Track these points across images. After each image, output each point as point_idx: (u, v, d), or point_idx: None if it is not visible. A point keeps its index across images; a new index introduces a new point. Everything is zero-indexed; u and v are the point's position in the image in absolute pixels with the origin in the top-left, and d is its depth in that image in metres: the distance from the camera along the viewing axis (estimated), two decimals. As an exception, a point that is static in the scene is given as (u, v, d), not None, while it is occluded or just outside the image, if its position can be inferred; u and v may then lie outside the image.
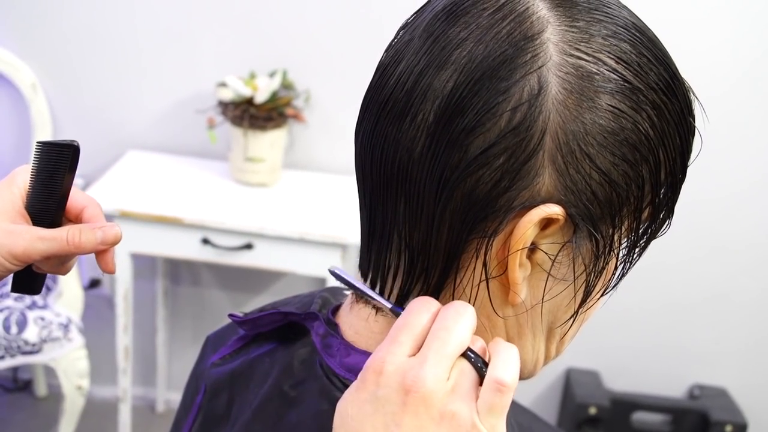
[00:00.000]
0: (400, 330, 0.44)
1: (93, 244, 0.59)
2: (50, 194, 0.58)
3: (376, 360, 0.43)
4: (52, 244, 0.58)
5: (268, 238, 1.76)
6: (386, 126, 0.47)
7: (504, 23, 0.44)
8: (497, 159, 0.44)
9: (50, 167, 0.58)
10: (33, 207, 0.59)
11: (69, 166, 0.57)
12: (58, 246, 0.58)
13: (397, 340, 0.43)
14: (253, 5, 1.95)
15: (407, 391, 0.41)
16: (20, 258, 0.57)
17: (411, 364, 0.42)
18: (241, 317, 0.60)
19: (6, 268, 0.57)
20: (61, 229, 0.58)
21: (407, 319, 0.44)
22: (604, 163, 0.45)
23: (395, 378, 0.42)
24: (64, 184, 0.58)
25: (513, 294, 0.48)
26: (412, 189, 0.46)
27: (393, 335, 0.44)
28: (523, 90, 0.43)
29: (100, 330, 2.15)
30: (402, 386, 0.41)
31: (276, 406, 0.54)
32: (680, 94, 0.47)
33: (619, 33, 0.45)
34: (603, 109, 0.44)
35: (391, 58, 0.48)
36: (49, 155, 0.58)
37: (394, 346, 0.43)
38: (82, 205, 0.61)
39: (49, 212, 0.59)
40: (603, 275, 0.50)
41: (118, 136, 2.06)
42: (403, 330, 0.44)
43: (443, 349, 0.42)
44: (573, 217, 0.45)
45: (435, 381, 0.41)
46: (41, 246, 0.57)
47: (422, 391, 0.41)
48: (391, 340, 0.44)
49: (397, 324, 0.44)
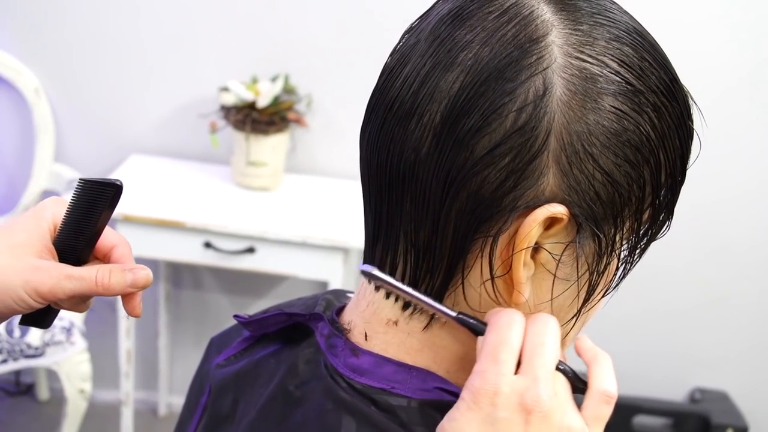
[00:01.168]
0: (499, 348, 0.45)
1: (122, 287, 0.56)
2: (83, 231, 0.55)
3: (488, 382, 0.44)
4: (80, 283, 0.54)
5: (270, 242, 1.77)
6: (393, 127, 0.47)
7: (509, 26, 0.45)
8: (503, 159, 0.44)
9: (88, 204, 0.55)
10: (62, 243, 0.56)
11: (108, 205, 0.54)
12: (86, 286, 0.54)
13: (501, 359, 0.45)
14: (255, 11, 1.96)
15: (529, 411, 0.44)
16: (45, 296, 0.54)
17: (526, 385, 0.44)
18: (246, 318, 0.60)
19: (29, 305, 0.54)
20: (90, 269, 0.55)
21: (503, 336, 0.45)
22: (607, 163, 0.45)
23: (513, 399, 0.44)
24: (100, 222, 0.55)
25: (517, 293, 0.48)
26: (418, 188, 0.47)
27: (494, 354, 0.45)
28: (529, 91, 0.44)
29: (103, 334, 2.15)
30: (522, 407, 0.44)
31: (281, 406, 0.55)
32: (680, 97, 0.48)
33: (621, 37, 0.46)
34: (606, 111, 0.45)
35: (397, 61, 0.49)
36: (90, 193, 0.54)
37: (500, 366, 0.44)
38: (112, 244, 0.58)
39: (77, 249, 0.56)
40: (605, 276, 0.51)
41: (121, 141, 2.07)
42: (503, 348, 0.45)
43: (548, 366, 0.45)
44: (576, 217, 0.46)
45: (550, 398, 0.44)
46: (68, 285, 0.54)
47: (544, 410, 0.44)
48: (494, 359, 0.45)
49: (494, 341, 0.45)
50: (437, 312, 0.48)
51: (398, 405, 0.50)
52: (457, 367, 0.52)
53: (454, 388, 0.51)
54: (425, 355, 0.52)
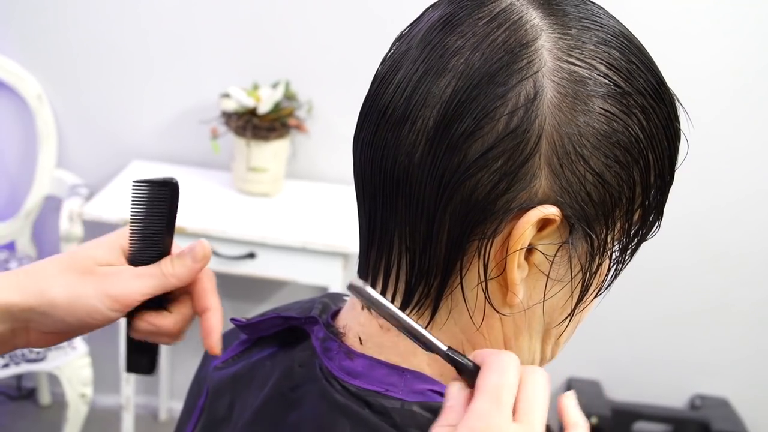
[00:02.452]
0: (502, 390, 0.43)
1: (188, 268, 0.54)
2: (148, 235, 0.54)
3: (491, 425, 0.42)
4: (150, 280, 0.53)
5: (270, 247, 1.77)
6: (386, 132, 0.48)
7: (499, 31, 0.46)
8: (495, 162, 0.45)
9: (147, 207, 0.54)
10: (133, 251, 0.55)
11: (168, 205, 0.54)
12: (156, 281, 0.54)
13: (504, 402, 0.43)
14: (256, 18, 1.97)
15: None
16: (118, 299, 0.52)
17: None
18: (243, 321, 0.61)
19: (103, 314, 0.52)
20: (154, 264, 0.54)
21: (507, 379, 0.44)
22: (598, 164, 0.46)
23: None
24: (166, 222, 0.54)
25: (511, 295, 0.49)
26: (412, 192, 0.47)
27: (497, 395, 0.43)
28: (520, 95, 0.45)
29: (104, 339, 2.15)
30: None
31: (276, 408, 0.56)
32: (667, 99, 0.49)
33: (609, 41, 0.47)
34: (596, 113, 0.46)
35: (389, 67, 0.49)
36: (147, 194, 0.54)
37: (503, 409, 0.43)
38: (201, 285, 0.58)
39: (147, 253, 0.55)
40: (597, 276, 0.51)
41: (123, 147, 2.08)
42: (506, 391, 0.43)
43: (542, 421, 0.44)
44: (569, 218, 0.47)
45: None
46: (138, 283, 0.53)
47: None
48: (498, 401, 0.43)
49: (498, 383, 0.43)
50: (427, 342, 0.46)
51: (392, 407, 0.50)
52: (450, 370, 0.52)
53: (446, 390, 0.52)
54: (419, 357, 0.52)
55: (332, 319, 0.57)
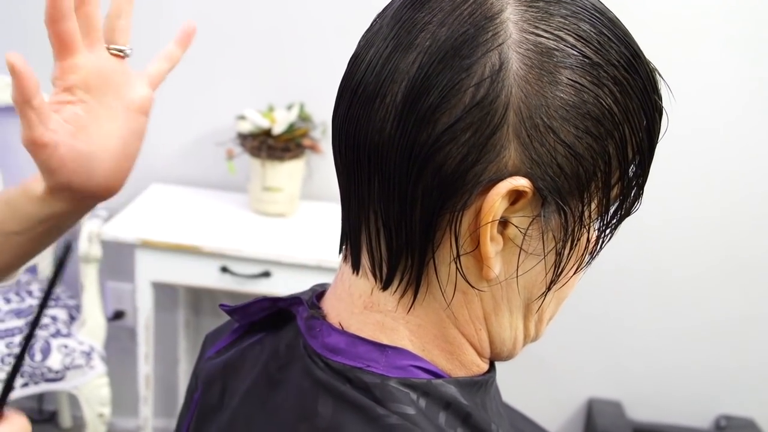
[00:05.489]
0: None
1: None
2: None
3: None
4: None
5: (285, 266, 1.79)
6: (358, 109, 0.49)
7: (465, 6, 0.46)
8: (464, 134, 0.45)
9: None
10: None
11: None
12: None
13: None
14: (272, 43, 2.01)
15: None
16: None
17: None
18: (231, 307, 0.62)
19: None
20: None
21: None
22: (568, 136, 0.46)
23: None
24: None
25: (486, 268, 0.49)
26: (384, 167, 0.48)
27: None
28: (485, 66, 0.45)
29: (123, 362, 2.18)
30: None
31: (263, 389, 0.56)
32: (642, 71, 0.49)
33: (578, 13, 0.47)
34: (564, 84, 0.46)
35: (362, 46, 0.50)
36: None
37: None
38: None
39: None
40: (575, 252, 0.51)
41: (142, 170, 2.10)
42: None
43: None
44: (541, 191, 0.46)
45: None
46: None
47: None
48: None
49: None
50: None
51: (372, 382, 0.50)
52: (432, 346, 0.53)
53: (429, 366, 0.52)
54: (400, 333, 0.52)
55: (318, 301, 0.58)
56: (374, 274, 0.52)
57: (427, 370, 0.52)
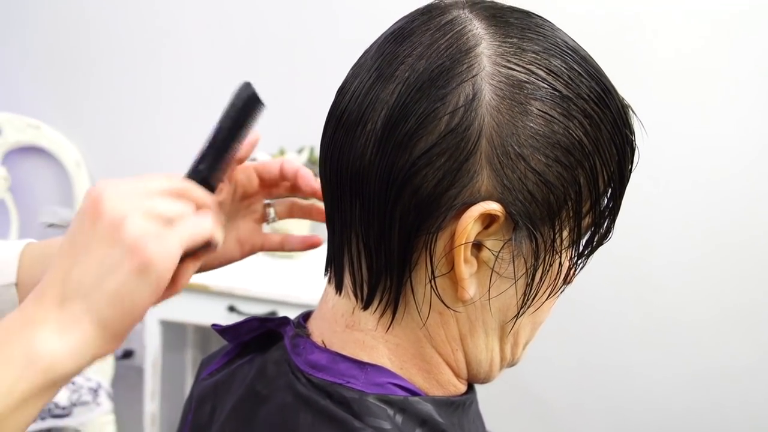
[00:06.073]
0: None
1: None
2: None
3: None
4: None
5: (291, 305, 1.81)
6: (342, 136, 0.52)
7: (442, 40, 0.49)
8: (439, 158, 0.48)
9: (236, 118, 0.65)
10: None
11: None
12: None
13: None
14: (283, 88, 2.07)
15: None
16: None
17: None
18: (222, 326, 0.64)
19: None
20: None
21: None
22: (539, 164, 0.48)
23: None
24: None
25: (461, 290, 0.51)
26: (365, 191, 0.51)
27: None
28: (460, 96, 0.48)
29: (130, 400, 2.19)
30: None
31: (249, 405, 0.58)
32: (613, 106, 0.51)
33: (550, 49, 0.50)
34: (534, 114, 0.48)
35: (348, 78, 0.54)
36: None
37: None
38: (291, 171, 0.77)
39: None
40: (548, 277, 0.53)
41: (155, 211, 2.16)
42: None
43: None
44: (513, 215, 0.49)
45: None
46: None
47: None
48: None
49: None
50: None
51: (351, 397, 0.52)
52: (410, 364, 0.55)
53: (407, 384, 0.54)
54: (380, 352, 0.55)
55: (304, 321, 0.60)
56: (356, 294, 0.55)
57: (404, 388, 0.54)
